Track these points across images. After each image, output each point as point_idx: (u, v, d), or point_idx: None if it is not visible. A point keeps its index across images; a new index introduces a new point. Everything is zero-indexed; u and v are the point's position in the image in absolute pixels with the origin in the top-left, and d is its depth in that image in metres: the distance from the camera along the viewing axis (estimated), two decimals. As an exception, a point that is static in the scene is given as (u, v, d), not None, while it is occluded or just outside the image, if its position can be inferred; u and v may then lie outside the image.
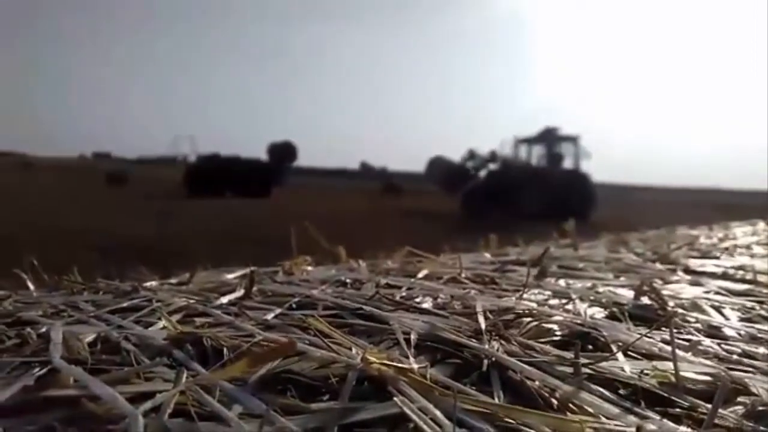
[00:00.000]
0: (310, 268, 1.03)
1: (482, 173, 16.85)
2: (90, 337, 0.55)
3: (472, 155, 18.53)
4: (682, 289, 0.86)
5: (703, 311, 0.72)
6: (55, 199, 12.20)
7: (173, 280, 0.93)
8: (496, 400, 0.44)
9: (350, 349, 0.51)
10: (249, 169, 18.71)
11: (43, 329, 0.57)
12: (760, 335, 0.64)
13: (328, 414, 0.40)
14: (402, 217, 11.74)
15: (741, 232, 1.76)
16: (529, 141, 15.73)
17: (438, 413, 0.40)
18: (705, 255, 1.21)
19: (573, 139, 15.31)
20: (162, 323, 0.60)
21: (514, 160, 15.82)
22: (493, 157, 16.97)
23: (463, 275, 0.92)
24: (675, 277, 0.96)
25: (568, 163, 15.31)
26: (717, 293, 0.84)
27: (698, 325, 0.66)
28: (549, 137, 15.52)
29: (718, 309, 0.75)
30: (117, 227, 7.96)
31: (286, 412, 0.40)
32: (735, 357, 0.56)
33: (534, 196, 12.88)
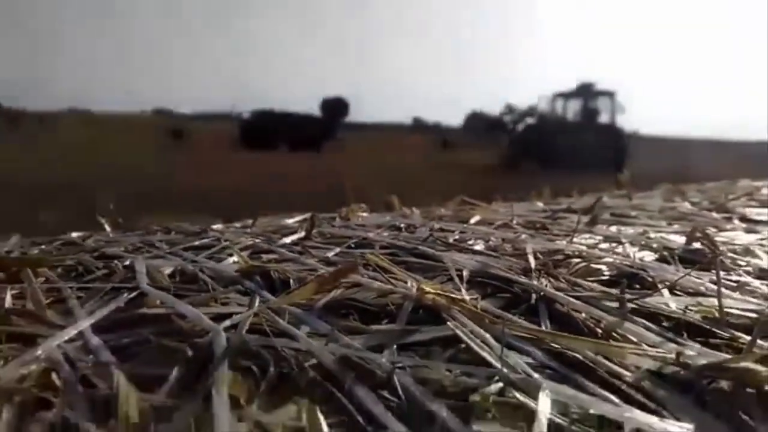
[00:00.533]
0: (365, 214, 1.07)
1: (520, 127, 16.82)
2: (168, 270, 0.61)
3: (510, 109, 18.38)
4: (736, 236, 0.86)
5: (755, 256, 0.73)
6: (120, 152, 12.66)
7: (237, 224, 0.99)
8: (543, 329, 0.47)
9: (406, 282, 0.55)
10: (302, 124, 18.86)
11: (127, 262, 0.63)
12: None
13: (388, 334, 0.44)
14: (453, 170, 11.69)
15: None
16: (566, 96, 15.49)
17: (488, 336, 0.43)
18: (765, 205, 1.19)
19: (609, 94, 15.06)
20: (232, 259, 0.65)
21: (551, 114, 15.64)
22: (530, 111, 16.83)
23: (514, 222, 0.94)
24: (730, 225, 0.95)
25: (604, 118, 15.04)
26: (773, 240, 0.84)
27: (749, 269, 0.67)
28: (585, 92, 15.28)
29: (772, 255, 0.74)
30: (180, 178, 8.24)
31: (349, 332, 0.44)
32: (783, 297, 0.57)
33: (569, 148, 12.76)
